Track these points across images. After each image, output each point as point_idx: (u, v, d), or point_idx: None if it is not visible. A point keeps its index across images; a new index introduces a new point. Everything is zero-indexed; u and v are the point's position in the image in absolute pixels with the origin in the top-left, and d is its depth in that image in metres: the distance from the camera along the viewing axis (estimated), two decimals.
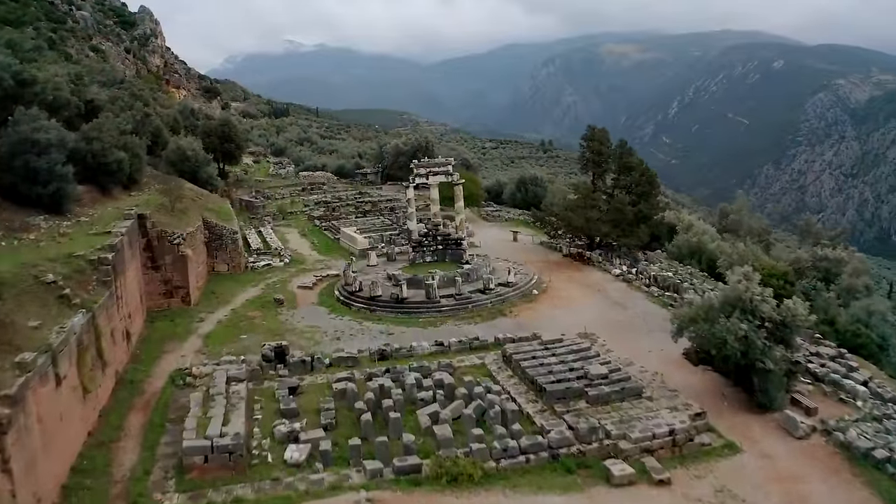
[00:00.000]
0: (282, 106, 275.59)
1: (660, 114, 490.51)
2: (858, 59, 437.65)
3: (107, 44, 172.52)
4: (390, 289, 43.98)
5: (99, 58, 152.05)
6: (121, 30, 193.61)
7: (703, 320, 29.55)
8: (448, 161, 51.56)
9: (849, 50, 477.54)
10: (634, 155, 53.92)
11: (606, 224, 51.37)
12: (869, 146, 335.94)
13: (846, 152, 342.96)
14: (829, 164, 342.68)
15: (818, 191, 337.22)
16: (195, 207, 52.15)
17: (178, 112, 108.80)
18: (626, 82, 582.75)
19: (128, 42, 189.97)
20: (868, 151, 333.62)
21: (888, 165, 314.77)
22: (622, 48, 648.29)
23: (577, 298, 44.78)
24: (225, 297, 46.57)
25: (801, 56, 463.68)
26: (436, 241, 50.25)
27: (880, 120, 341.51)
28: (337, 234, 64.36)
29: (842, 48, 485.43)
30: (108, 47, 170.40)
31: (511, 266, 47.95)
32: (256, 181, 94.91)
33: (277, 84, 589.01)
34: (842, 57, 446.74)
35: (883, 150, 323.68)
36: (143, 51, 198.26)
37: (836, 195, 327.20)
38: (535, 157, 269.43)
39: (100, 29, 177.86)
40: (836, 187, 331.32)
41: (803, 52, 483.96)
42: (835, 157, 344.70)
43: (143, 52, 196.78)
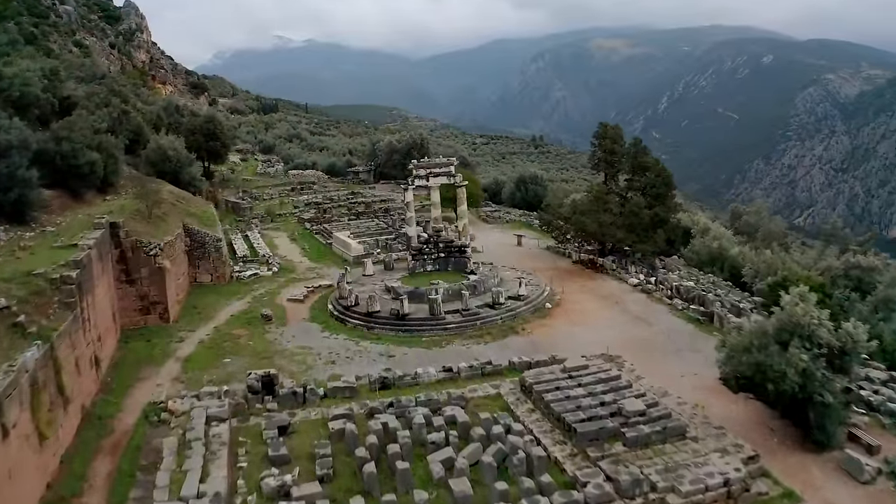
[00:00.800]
0: (271, 102, 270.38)
1: (649, 109, 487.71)
2: (848, 54, 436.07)
3: (91, 39, 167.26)
4: (389, 303, 39.75)
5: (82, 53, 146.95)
6: (105, 25, 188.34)
7: (757, 350, 25.49)
8: (450, 161, 47.35)
9: (838, 45, 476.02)
10: (649, 154, 49.85)
11: (621, 229, 47.30)
12: (859, 141, 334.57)
13: (836, 147, 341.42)
14: (819, 159, 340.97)
15: (808, 186, 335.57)
16: (175, 212, 47.75)
17: (161, 109, 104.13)
18: (616, 77, 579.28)
19: (112, 37, 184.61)
20: (858, 146, 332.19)
21: (878, 160, 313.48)
22: (611, 43, 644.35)
23: (593, 313, 40.70)
24: (208, 312, 42.24)
25: (791, 51, 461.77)
26: (437, 248, 46.04)
27: (870, 115, 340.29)
28: (329, 239, 60.02)
29: (831, 43, 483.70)
30: (91, 42, 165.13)
31: (521, 276, 43.84)
32: (244, 180, 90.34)
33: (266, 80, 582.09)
34: (831, 52, 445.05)
35: (873, 145, 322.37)
36: (129, 46, 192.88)
37: (826, 190, 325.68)
38: (526, 152, 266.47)
39: (84, 24, 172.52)
40: (826, 182, 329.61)
41: (793, 47, 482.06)
42: (825, 151, 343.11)
43: (128, 47, 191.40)
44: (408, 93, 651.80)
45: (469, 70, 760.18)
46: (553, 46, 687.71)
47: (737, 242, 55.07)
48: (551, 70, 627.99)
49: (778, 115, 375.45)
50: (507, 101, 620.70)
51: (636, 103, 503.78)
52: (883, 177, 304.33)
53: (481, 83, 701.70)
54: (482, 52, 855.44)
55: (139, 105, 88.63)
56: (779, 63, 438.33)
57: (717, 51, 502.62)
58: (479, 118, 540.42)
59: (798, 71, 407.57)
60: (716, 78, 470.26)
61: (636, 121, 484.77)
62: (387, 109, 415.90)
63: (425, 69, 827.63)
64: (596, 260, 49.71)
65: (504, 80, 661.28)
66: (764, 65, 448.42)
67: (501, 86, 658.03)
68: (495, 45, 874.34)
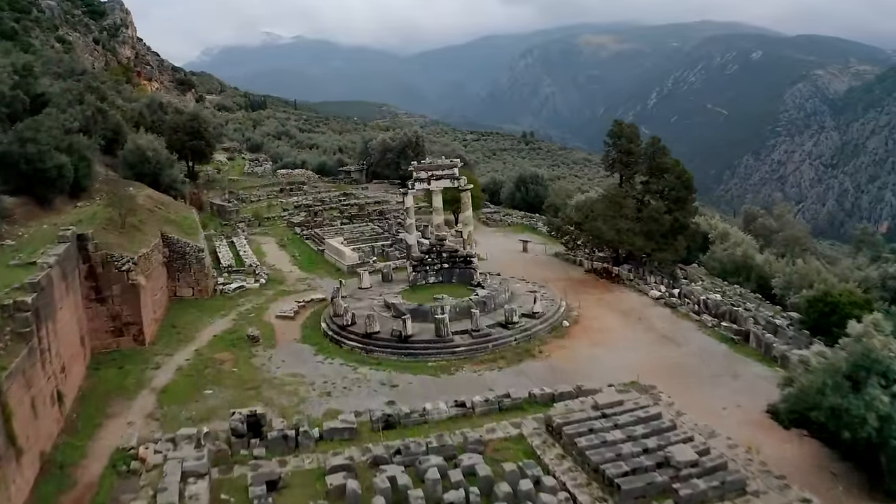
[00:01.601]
0: (259, 98, 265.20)
1: (639, 105, 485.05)
2: (837, 50, 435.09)
3: (74, 35, 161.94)
4: (390, 322, 35.58)
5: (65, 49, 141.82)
6: (90, 20, 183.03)
7: (831, 391, 21.53)
8: (453, 163, 43.23)
9: (827, 40, 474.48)
10: (668, 154, 45.83)
11: (639, 236, 43.30)
12: (848, 136, 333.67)
13: (826, 143, 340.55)
14: (808, 155, 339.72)
15: (798, 181, 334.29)
16: (153, 220, 43.38)
17: (144, 106, 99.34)
18: (605, 73, 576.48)
19: (97, 33, 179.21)
20: (848, 142, 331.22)
21: (868, 156, 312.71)
22: (600, 39, 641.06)
23: (616, 331, 36.70)
24: (188, 331, 37.94)
25: (780, 47, 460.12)
26: (440, 258, 41.88)
27: (859, 110, 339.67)
28: (320, 245, 55.72)
29: (820, 39, 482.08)
30: (75, 38, 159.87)
31: (534, 289, 39.79)
32: (230, 181, 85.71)
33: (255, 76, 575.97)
34: (820, 48, 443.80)
35: (863, 141, 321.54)
36: (113, 42, 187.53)
37: (816, 185, 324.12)
38: (517, 149, 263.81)
39: (67, 19, 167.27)
40: (816, 178, 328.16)
41: (782, 42, 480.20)
42: (814, 147, 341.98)
43: (112, 43, 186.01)
44: (397, 89, 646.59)
45: (458, 66, 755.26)
46: (541, 42, 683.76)
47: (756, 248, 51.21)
48: (540, 66, 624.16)
49: (767, 110, 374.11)
50: (496, 98, 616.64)
51: (625, 99, 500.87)
52: (872, 172, 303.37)
53: (470, 79, 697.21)
54: (471, 48, 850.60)
55: (119, 102, 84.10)
56: (768, 59, 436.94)
57: (706, 46, 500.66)
58: (468, 114, 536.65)
59: (787, 67, 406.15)
60: (705, 74, 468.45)
61: (625, 117, 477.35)
62: (376, 106, 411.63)
63: (414, 65, 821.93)
64: (611, 269, 45.71)
65: (493, 76, 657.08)
66: (753, 60, 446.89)
67: (490, 82, 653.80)
68: (484, 41, 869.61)
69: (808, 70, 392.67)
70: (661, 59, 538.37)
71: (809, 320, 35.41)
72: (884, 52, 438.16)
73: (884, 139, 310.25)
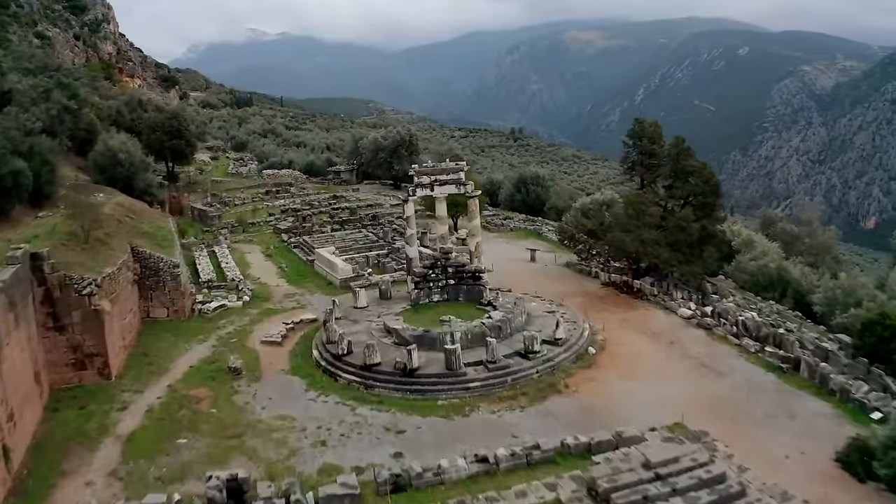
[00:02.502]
0: (245, 95, 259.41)
1: (626, 101, 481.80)
2: (823, 46, 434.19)
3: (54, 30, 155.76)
4: (392, 350, 30.89)
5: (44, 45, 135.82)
6: (70, 15, 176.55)
7: None
8: (458, 166, 38.61)
9: (813, 36, 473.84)
10: (694, 155, 41.34)
11: (665, 247, 38.78)
12: (836, 132, 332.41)
13: (813, 138, 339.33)
14: (796, 151, 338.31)
15: (785, 177, 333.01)
16: (122, 232, 38.39)
17: (122, 104, 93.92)
18: (591, 69, 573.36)
19: (77, 28, 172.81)
20: (835, 137, 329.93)
21: (855, 151, 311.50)
22: (587, 35, 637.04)
23: (648, 359, 32.16)
24: (161, 361, 33.07)
25: (767, 43, 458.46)
26: (446, 273, 37.18)
27: (846, 106, 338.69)
28: (310, 255, 50.85)
29: (806, 35, 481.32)
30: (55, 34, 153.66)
31: (552, 309, 35.25)
32: (213, 182, 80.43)
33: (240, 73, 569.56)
34: (807, 43, 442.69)
35: (850, 136, 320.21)
36: (94, 37, 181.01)
37: (803, 181, 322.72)
38: (505, 145, 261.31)
39: (46, 14, 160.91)
40: (803, 173, 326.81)
41: (768, 38, 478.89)
42: (802, 143, 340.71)
43: (93, 38, 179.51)
44: (383, 86, 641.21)
45: (444, 63, 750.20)
46: (528, 39, 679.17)
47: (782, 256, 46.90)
48: (527, 62, 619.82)
49: (754, 106, 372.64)
50: (482, 94, 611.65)
51: (612, 95, 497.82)
52: (860, 168, 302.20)
53: (456, 76, 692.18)
54: (457, 44, 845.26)
55: (96, 100, 78.79)
56: (754, 55, 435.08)
57: (693, 43, 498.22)
58: (455, 111, 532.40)
59: (774, 63, 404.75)
60: (692, 70, 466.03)
61: (612, 113, 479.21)
62: (362, 102, 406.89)
63: (400, 62, 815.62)
64: (631, 283, 41.18)
65: (479, 72, 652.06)
66: (740, 56, 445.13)
67: (477, 78, 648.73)
68: (470, 37, 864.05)
69: (794, 66, 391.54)
70: (647, 56, 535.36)
71: (865, 345, 31.04)
72: (870, 48, 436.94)
73: (871, 135, 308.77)
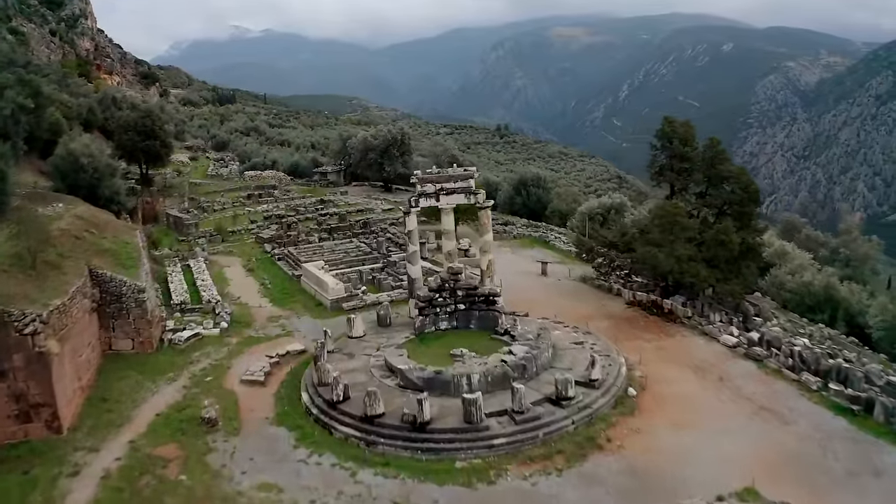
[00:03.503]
0: (228, 92, 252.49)
1: (610, 97, 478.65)
2: (807, 42, 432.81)
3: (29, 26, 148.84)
4: (396, 395, 25.64)
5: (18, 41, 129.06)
6: (46, 10, 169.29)
7: None
8: (468, 172, 33.39)
9: (797, 32, 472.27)
10: (729, 159, 36.36)
11: (702, 263, 33.72)
12: (820, 128, 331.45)
13: (798, 134, 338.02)
14: (780, 146, 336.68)
15: (770, 173, 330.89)
16: (80, 251, 32.75)
17: (95, 102, 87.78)
18: (576, 66, 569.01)
19: (54, 24, 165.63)
20: (819, 133, 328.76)
21: (840, 147, 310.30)
22: (571, 31, 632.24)
23: (698, 401, 27.02)
24: (123, 407, 27.57)
25: (750, 39, 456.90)
26: (454, 297, 31.93)
27: (830, 102, 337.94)
28: (296, 269, 45.35)
29: (790, 31, 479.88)
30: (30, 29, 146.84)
31: (580, 339, 30.08)
32: (191, 185, 74.60)
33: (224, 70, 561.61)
34: (791, 40, 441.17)
35: (834, 132, 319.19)
36: (71, 33, 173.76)
37: (788, 177, 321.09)
38: (491, 142, 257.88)
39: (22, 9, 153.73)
40: (788, 169, 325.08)
41: (752, 34, 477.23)
42: (786, 138, 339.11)
43: (70, 34, 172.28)
44: (367, 82, 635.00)
45: (428, 59, 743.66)
46: (513, 35, 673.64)
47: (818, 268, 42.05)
48: (511, 59, 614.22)
49: (739, 102, 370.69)
50: (467, 90, 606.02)
51: (596, 91, 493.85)
52: (844, 163, 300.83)
53: (441, 72, 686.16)
54: (441, 40, 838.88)
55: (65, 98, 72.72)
56: (738, 51, 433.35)
57: (677, 39, 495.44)
58: (439, 107, 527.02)
59: (758, 59, 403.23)
60: (676, 66, 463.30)
61: (597, 109, 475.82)
62: (346, 99, 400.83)
63: (384, 58, 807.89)
64: (661, 303, 36.09)
65: (464, 68, 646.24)
66: (724, 52, 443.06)
67: (462, 75, 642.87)
68: (454, 33, 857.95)
69: (778, 62, 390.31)
70: (632, 52, 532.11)
71: None
72: (854, 44, 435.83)
73: (855, 130, 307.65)
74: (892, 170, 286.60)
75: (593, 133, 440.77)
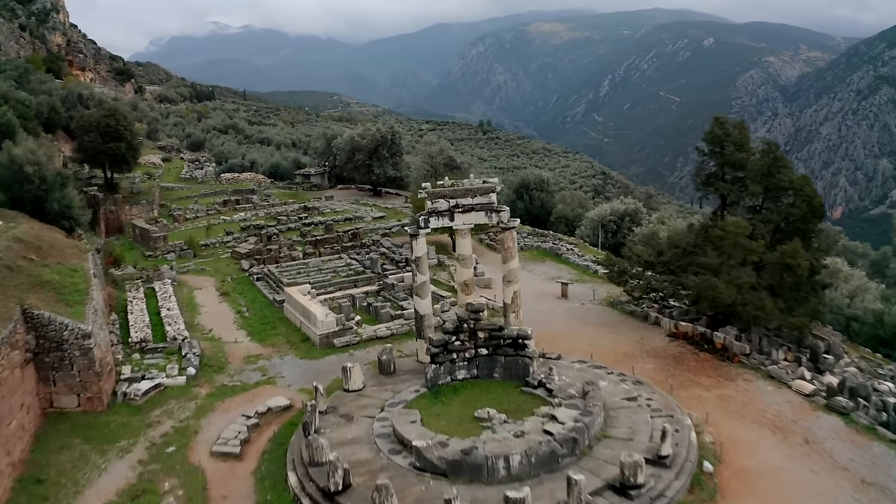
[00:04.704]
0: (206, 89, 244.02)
1: (591, 92, 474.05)
2: (787, 37, 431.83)
3: None
4: (413, 481, 19.56)
5: None
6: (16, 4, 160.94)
7: None
8: (489, 185, 27.34)
9: (777, 28, 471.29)
10: (791, 167, 30.64)
11: (765, 292, 27.91)
12: (802, 123, 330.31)
13: (779, 129, 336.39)
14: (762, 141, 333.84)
15: None
16: (12, 286, 26.20)
17: (59, 99, 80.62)
18: (556, 61, 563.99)
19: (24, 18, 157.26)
20: (801, 128, 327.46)
21: (821, 142, 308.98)
22: (551, 27, 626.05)
23: (788, 477, 21.14)
24: (62, 494, 21.24)
25: (731, 34, 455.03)
26: (475, 339, 25.82)
27: (811, 97, 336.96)
28: (278, 293, 39.02)
29: (771, 26, 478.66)
30: None
31: (635, 396, 24.08)
32: (163, 190, 67.80)
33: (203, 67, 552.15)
34: (771, 35, 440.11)
35: (816, 127, 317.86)
36: (42, 28, 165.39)
37: None
38: (474, 138, 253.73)
39: None
40: None
41: (732, 29, 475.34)
42: (768, 133, 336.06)
43: (41, 29, 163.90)
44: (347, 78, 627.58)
45: (408, 55, 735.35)
46: (493, 30, 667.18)
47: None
48: (492, 54, 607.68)
49: (720, 97, 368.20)
50: (447, 86, 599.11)
51: (578, 87, 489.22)
52: (826, 158, 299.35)
53: (421, 68, 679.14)
54: (421, 36, 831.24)
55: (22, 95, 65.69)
56: (719, 46, 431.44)
57: (658, 34, 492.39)
58: (420, 103, 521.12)
59: (738, 53, 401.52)
60: (657, 61, 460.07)
61: (578, 104, 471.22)
62: (327, 95, 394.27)
63: (364, 54, 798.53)
64: (710, 336, 30.21)
65: (444, 64, 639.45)
66: (704, 48, 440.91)
67: (442, 70, 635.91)
68: (435, 29, 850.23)
69: (759, 57, 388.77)
70: (612, 47, 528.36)
71: None
72: (833, 39, 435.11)
73: (837, 125, 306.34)
74: (873, 164, 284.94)
75: (574, 128, 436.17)
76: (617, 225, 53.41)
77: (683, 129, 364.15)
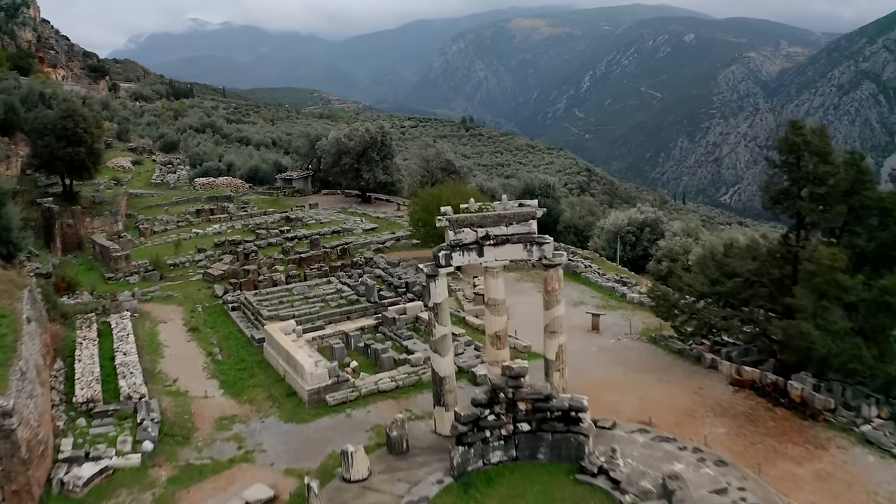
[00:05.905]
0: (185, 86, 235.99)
1: (572, 88, 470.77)
2: (768, 33, 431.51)
3: None
4: None
5: None
6: None
7: None
8: (528, 210, 21.67)
9: (757, 23, 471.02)
10: (876, 183, 24.96)
11: (859, 338, 22.27)
12: (783, 118, 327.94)
13: (761, 124, 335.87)
14: (744, 136, 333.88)
15: (734, 163, 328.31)
16: None
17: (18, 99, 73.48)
18: (537, 57, 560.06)
19: None
20: (782, 123, 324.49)
21: None
22: (532, 22, 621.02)
23: None
24: None
25: (711, 29, 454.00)
26: (513, 412, 19.89)
27: (792, 92, 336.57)
28: (256, 329, 32.82)
29: (751, 21, 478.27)
30: None
31: (725, 487, 18.32)
32: (131, 197, 61.05)
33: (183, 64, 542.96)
34: (751, 30, 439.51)
35: None
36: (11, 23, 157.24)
37: (751, 167, 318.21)
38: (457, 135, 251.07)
39: None
40: (751, 159, 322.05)
41: (713, 25, 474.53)
42: (749, 129, 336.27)
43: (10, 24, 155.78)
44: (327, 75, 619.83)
45: (389, 51, 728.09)
46: (474, 26, 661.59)
47: None
48: (472, 50, 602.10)
49: (701, 93, 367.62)
50: (428, 83, 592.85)
51: (558, 83, 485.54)
52: None
53: (402, 64, 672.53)
54: (402, 32, 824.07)
55: None
56: (700, 41, 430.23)
57: (638, 30, 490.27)
58: (400, 99, 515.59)
59: (719, 49, 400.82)
60: (638, 57, 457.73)
61: (559, 100, 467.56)
62: (308, 92, 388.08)
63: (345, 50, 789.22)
64: (784, 386, 24.50)
65: (425, 61, 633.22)
66: (685, 43, 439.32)
67: (423, 67, 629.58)
68: (415, 25, 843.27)
69: (739, 52, 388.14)
70: (593, 43, 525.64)
71: None
72: (813, 34, 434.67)
73: (818, 120, 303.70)
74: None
75: (556, 124, 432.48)
76: (636, 236, 47.75)
77: (664, 124, 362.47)
